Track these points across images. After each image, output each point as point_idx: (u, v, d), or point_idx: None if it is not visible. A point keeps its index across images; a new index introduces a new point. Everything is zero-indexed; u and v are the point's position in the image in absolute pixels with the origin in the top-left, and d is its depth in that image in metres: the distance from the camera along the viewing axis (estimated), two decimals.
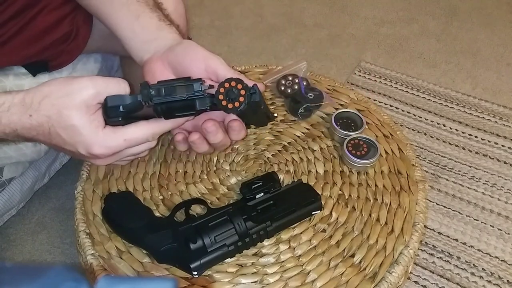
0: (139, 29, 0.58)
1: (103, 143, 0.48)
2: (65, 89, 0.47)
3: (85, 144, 0.48)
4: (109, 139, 0.49)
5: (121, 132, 0.49)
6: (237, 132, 0.55)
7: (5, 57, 0.71)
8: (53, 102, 0.47)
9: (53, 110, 0.47)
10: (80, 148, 0.49)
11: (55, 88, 0.48)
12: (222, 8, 1.67)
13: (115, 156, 0.52)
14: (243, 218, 0.56)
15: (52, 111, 0.47)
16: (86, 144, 0.48)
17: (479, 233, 0.97)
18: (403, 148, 0.71)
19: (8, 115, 0.47)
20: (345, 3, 1.70)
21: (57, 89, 0.47)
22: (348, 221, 0.61)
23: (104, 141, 0.48)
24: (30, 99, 0.47)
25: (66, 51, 0.76)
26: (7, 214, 0.90)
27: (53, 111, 0.47)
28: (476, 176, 1.08)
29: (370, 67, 1.41)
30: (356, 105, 0.77)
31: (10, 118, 0.47)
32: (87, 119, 0.48)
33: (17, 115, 0.47)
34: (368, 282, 0.55)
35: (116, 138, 0.49)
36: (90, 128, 0.48)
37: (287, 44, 1.52)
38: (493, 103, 1.28)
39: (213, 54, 0.54)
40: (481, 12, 1.67)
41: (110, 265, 0.56)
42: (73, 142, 0.49)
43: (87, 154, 0.50)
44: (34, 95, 0.47)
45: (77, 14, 0.75)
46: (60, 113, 0.47)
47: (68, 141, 0.49)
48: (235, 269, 0.56)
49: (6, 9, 0.69)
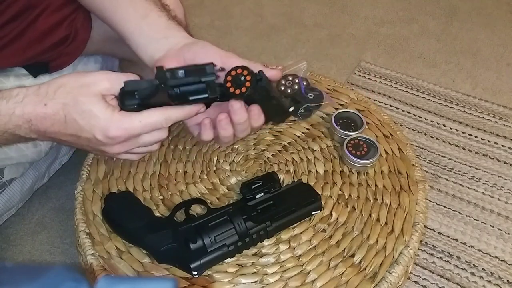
0: (147, 27, 0.58)
1: (119, 125, 0.50)
2: (80, 81, 0.49)
3: (102, 127, 0.49)
4: (125, 120, 0.50)
5: (136, 115, 0.51)
6: (257, 117, 0.55)
7: (6, 59, 0.72)
8: (69, 91, 0.48)
9: (69, 97, 0.48)
10: (97, 131, 0.50)
11: (71, 79, 0.49)
12: (222, 8, 1.67)
13: (130, 142, 0.52)
14: (243, 218, 0.56)
15: (67, 98, 0.48)
16: (103, 126, 0.49)
17: (479, 233, 0.97)
18: (403, 148, 0.71)
19: (22, 106, 0.48)
20: (345, 3, 1.70)
21: (73, 80, 0.49)
22: (348, 221, 0.61)
23: (120, 122, 0.50)
24: (44, 90, 0.48)
25: (65, 53, 0.76)
26: (7, 214, 0.90)
27: (68, 98, 0.48)
28: (476, 176, 1.08)
29: (370, 67, 1.41)
30: (356, 105, 0.77)
31: (24, 108, 0.48)
32: (103, 104, 0.49)
33: (31, 105, 0.48)
34: (368, 282, 0.55)
35: (132, 120, 0.50)
36: (106, 112, 0.49)
37: (287, 44, 1.52)
38: (493, 103, 1.28)
39: (229, 52, 0.55)
40: (481, 12, 1.67)
41: (110, 265, 0.56)
42: (90, 126, 0.49)
43: (104, 138, 0.50)
44: (49, 85, 0.49)
45: (76, 16, 0.75)
46: (76, 99, 0.48)
47: (84, 127, 0.50)
48: (235, 269, 0.56)
49: (5, 10, 0.69)
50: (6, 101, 0.48)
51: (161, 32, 0.58)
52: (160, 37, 0.57)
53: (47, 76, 0.78)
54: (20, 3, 0.69)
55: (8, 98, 0.48)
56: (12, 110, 0.48)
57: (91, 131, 0.50)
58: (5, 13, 0.69)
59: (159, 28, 0.58)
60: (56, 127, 0.50)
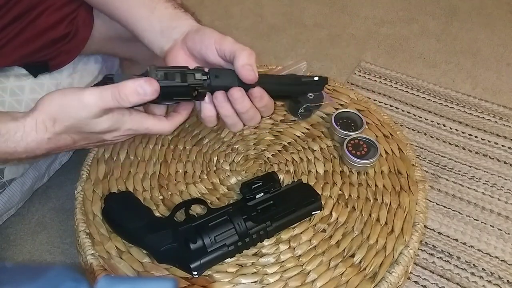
0: (156, 21, 0.58)
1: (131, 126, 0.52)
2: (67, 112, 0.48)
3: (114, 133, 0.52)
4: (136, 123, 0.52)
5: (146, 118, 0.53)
6: (259, 99, 0.54)
7: (4, 58, 0.71)
8: (65, 124, 0.48)
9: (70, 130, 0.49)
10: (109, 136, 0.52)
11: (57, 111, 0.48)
12: (222, 8, 1.67)
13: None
14: (243, 218, 0.56)
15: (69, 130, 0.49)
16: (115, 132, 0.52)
17: (479, 233, 0.97)
18: (403, 148, 0.71)
19: (24, 145, 0.48)
20: (345, 3, 1.70)
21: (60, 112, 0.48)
22: (348, 221, 0.61)
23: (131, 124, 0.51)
24: (41, 124, 0.48)
25: (65, 51, 0.76)
26: (6, 214, 0.90)
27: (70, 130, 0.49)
28: (476, 176, 1.08)
29: (370, 67, 1.40)
30: (356, 105, 0.77)
31: (27, 147, 0.48)
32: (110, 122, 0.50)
33: (35, 142, 0.48)
34: (368, 282, 0.55)
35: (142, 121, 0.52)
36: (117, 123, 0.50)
37: (287, 44, 1.52)
38: (493, 103, 1.28)
39: (224, 36, 0.55)
40: (481, 12, 1.67)
41: (110, 265, 0.56)
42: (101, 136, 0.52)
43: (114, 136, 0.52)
44: (44, 119, 0.48)
45: (78, 14, 0.75)
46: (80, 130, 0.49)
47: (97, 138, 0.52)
48: (235, 269, 0.56)
49: (6, 13, 0.69)
50: (4, 141, 0.48)
51: (169, 23, 0.58)
52: (169, 28, 0.58)
53: (47, 76, 0.78)
54: (22, 5, 0.69)
55: (5, 137, 0.47)
56: (14, 149, 0.48)
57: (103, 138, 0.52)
58: (7, 15, 0.69)
59: (167, 20, 0.58)
60: (65, 150, 0.52)
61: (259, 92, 0.53)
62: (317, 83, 0.59)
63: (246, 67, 0.51)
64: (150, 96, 0.48)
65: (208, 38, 0.54)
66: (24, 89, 0.76)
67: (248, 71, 0.51)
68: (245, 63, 0.52)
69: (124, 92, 0.47)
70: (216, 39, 0.54)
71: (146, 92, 0.47)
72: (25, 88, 0.76)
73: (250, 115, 0.54)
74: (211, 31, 0.55)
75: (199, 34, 0.55)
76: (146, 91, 0.47)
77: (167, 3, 0.59)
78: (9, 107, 0.74)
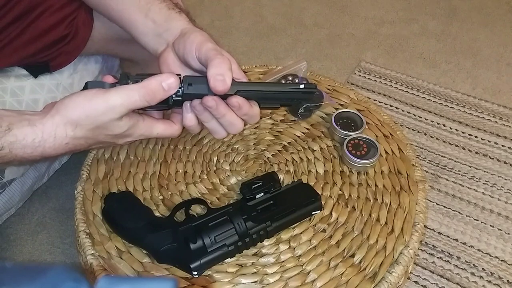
0: (150, 23, 0.58)
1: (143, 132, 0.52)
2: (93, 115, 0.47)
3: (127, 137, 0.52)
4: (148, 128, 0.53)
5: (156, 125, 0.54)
6: (237, 108, 0.51)
7: (5, 58, 0.71)
8: (87, 128, 0.48)
9: (90, 133, 0.48)
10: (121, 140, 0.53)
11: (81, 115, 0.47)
12: (222, 8, 1.67)
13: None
14: (243, 218, 0.56)
15: (89, 134, 0.48)
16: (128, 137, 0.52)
17: (479, 233, 0.97)
18: (403, 148, 0.71)
19: (41, 150, 0.47)
20: (345, 3, 1.70)
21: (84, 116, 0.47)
22: (348, 221, 0.61)
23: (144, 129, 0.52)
24: (62, 130, 0.47)
25: (65, 51, 0.76)
26: (6, 214, 0.90)
27: (90, 134, 0.48)
28: (476, 176, 1.08)
29: (370, 67, 1.40)
30: (356, 105, 0.77)
31: (44, 152, 0.48)
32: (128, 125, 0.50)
33: (52, 149, 0.48)
34: (368, 282, 0.55)
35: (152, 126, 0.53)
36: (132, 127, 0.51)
37: (287, 44, 1.52)
38: (493, 103, 1.28)
39: (205, 41, 0.52)
40: (481, 12, 1.67)
41: (110, 265, 0.56)
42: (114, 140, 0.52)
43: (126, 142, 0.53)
44: (65, 124, 0.47)
45: (78, 15, 0.75)
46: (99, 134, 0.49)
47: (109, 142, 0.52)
48: (235, 269, 0.56)
49: (6, 14, 0.69)
50: (22, 147, 0.46)
51: (163, 25, 0.58)
52: (162, 30, 0.57)
53: (48, 76, 0.78)
54: (22, 6, 0.69)
55: (22, 143, 0.46)
56: (30, 154, 0.47)
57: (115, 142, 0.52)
58: (7, 16, 0.69)
59: (161, 22, 0.58)
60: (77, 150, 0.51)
61: (236, 102, 0.51)
62: (304, 92, 0.53)
63: (215, 77, 0.49)
64: (174, 90, 0.49)
65: (190, 43, 0.53)
66: (24, 90, 0.76)
67: (215, 82, 0.49)
68: (214, 73, 0.49)
69: (151, 90, 0.47)
70: (197, 44, 0.52)
71: (170, 87, 0.48)
72: (25, 88, 0.76)
73: (229, 121, 0.52)
74: (195, 36, 0.53)
75: (184, 39, 0.54)
76: (170, 86, 0.48)
77: (162, 4, 0.58)
78: (10, 107, 0.74)
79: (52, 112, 0.47)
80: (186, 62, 0.55)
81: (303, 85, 0.53)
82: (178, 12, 0.58)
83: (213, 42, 0.52)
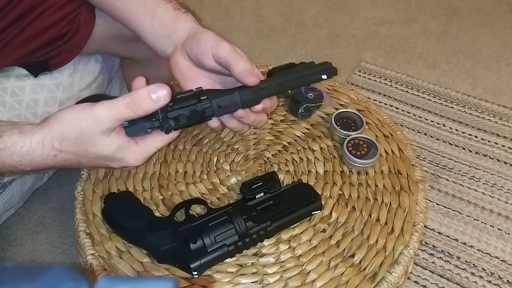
0: (157, 24, 0.58)
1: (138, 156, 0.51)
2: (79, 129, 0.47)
3: (120, 160, 0.50)
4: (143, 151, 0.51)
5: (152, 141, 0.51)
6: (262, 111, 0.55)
7: (5, 57, 0.71)
8: (74, 142, 0.47)
9: (77, 149, 0.48)
10: (115, 165, 0.51)
11: (68, 129, 0.47)
12: (222, 8, 1.67)
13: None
14: (243, 218, 0.56)
15: (76, 149, 0.48)
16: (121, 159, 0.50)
17: (479, 233, 0.97)
18: (403, 148, 0.71)
19: (29, 159, 0.47)
20: (345, 3, 1.70)
21: (71, 130, 0.47)
22: (348, 221, 0.61)
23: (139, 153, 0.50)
24: (49, 141, 0.47)
25: (65, 49, 0.76)
26: (6, 214, 0.90)
27: (77, 149, 0.48)
28: (476, 176, 1.08)
29: (370, 67, 1.40)
30: (356, 105, 0.77)
31: (32, 161, 0.48)
32: (114, 143, 0.48)
33: (40, 158, 0.48)
34: (368, 282, 0.55)
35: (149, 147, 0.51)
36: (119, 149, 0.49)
37: (287, 44, 1.52)
38: (493, 103, 1.28)
39: (219, 41, 0.54)
40: (481, 12, 1.67)
41: (110, 265, 0.56)
42: (107, 163, 0.51)
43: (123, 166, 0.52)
44: (52, 137, 0.47)
45: (80, 13, 0.74)
46: (85, 151, 0.48)
47: (102, 163, 0.51)
48: (235, 269, 0.56)
49: (8, 14, 0.68)
50: (10, 154, 0.47)
51: (170, 26, 0.58)
52: (170, 32, 0.57)
53: (48, 76, 0.78)
54: (24, 5, 0.69)
55: (11, 150, 0.47)
56: (19, 163, 0.48)
57: (109, 165, 0.51)
58: (9, 15, 0.69)
59: (168, 23, 0.58)
60: (69, 167, 0.51)
61: (260, 108, 0.54)
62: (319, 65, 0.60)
63: (245, 72, 0.52)
64: (164, 101, 0.47)
65: (203, 43, 0.54)
66: (24, 89, 0.76)
67: (248, 77, 0.52)
68: (243, 68, 0.52)
69: (137, 99, 0.46)
70: (212, 44, 0.53)
71: (159, 97, 0.46)
72: (25, 88, 0.76)
73: (257, 122, 0.56)
74: (206, 36, 0.54)
75: (196, 39, 0.55)
76: (159, 96, 0.46)
77: (168, 4, 0.59)
78: (10, 107, 0.74)
79: (42, 124, 0.48)
80: (199, 63, 0.55)
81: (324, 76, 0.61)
82: (184, 12, 0.59)
83: (229, 43, 0.54)
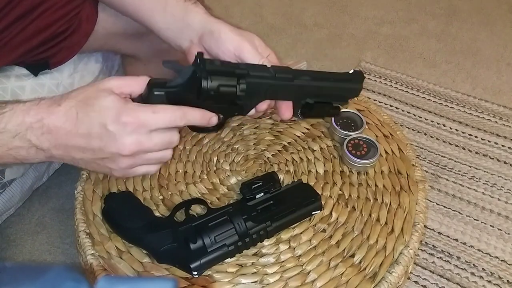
0: (169, 17, 0.59)
1: (132, 112, 0.47)
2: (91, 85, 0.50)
3: (113, 114, 0.47)
4: (139, 109, 0.48)
5: (151, 106, 0.49)
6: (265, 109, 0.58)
7: (6, 56, 0.71)
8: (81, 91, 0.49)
9: (81, 96, 0.49)
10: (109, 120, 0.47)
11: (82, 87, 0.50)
12: (222, 8, 1.67)
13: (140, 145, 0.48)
14: (243, 218, 0.56)
15: (80, 97, 0.49)
16: (114, 114, 0.47)
17: (479, 233, 0.97)
18: (403, 148, 0.71)
19: (37, 107, 0.48)
20: (345, 3, 1.70)
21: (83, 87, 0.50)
22: (348, 221, 0.61)
23: (133, 110, 0.47)
24: (59, 96, 0.50)
25: (66, 46, 0.76)
26: (6, 214, 0.90)
27: (80, 97, 0.49)
28: (476, 176, 1.08)
29: (370, 67, 1.40)
30: (356, 105, 0.77)
31: (39, 109, 0.48)
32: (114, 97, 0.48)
33: (46, 105, 0.49)
34: (368, 282, 0.55)
35: (145, 109, 0.48)
36: (118, 101, 0.48)
37: (287, 44, 1.52)
38: (493, 103, 1.28)
39: (242, 43, 0.55)
40: (481, 12, 1.67)
41: (110, 265, 0.56)
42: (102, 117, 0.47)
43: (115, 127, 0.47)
44: (61, 95, 0.49)
45: (82, 10, 0.74)
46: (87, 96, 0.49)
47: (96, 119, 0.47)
48: (235, 269, 0.56)
49: (9, 13, 0.68)
50: (23, 104, 0.49)
51: (182, 20, 0.58)
52: (182, 25, 0.58)
53: (48, 75, 0.78)
54: (25, 4, 0.69)
55: (24, 102, 0.49)
56: (27, 111, 0.48)
57: (103, 122, 0.47)
58: (10, 15, 0.68)
59: (180, 16, 0.58)
60: (68, 124, 0.48)
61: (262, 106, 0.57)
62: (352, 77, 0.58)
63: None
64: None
65: (223, 44, 0.55)
66: (25, 89, 0.76)
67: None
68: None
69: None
70: (235, 47, 0.55)
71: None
72: (25, 88, 0.76)
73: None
74: (226, 37, 0.55)
75: (215, 39, 0.56)
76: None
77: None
78: None
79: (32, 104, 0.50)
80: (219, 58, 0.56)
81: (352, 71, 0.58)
82: (194, 3, 0.59)
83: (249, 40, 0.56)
